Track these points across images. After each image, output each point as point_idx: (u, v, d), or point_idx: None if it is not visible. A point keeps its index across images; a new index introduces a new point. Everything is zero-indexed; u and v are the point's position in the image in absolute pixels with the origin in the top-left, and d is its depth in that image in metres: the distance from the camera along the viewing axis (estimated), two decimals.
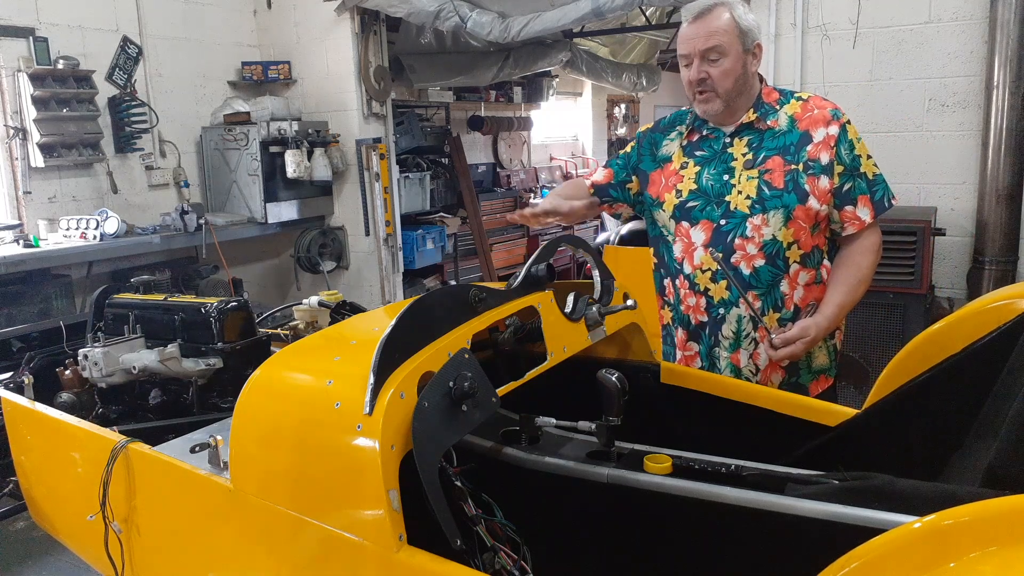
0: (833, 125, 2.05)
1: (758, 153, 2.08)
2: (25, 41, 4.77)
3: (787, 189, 2.03)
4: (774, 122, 2.09)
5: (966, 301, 3.36)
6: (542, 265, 1.73)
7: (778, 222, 2.04)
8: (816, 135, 2.05)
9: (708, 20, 2.01)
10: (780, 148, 2.07)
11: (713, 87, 2.05)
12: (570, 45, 7.94)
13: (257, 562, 1.53)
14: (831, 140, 2.03)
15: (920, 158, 4.08)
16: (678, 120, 2.27)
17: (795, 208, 2.02)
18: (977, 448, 1.51)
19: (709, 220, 2.11)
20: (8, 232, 4.66)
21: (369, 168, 6.05)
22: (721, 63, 2.02)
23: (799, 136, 2.06)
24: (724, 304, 2.12)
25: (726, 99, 2.07)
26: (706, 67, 2.04)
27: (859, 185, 2.07)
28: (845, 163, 2.04)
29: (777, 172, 2.04)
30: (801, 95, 2.14)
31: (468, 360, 1.40)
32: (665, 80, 10.17)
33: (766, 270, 2.07)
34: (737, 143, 2.12)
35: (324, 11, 5.95)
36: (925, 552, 0.93)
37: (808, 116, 2.07)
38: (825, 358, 2.19)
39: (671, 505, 1.56)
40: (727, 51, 2.02)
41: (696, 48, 2.03)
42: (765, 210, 2.04)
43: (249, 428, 1.52)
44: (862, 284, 2.09)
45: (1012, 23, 3.67)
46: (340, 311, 2.59)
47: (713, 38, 2.01)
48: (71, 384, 2.41)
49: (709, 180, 2.12)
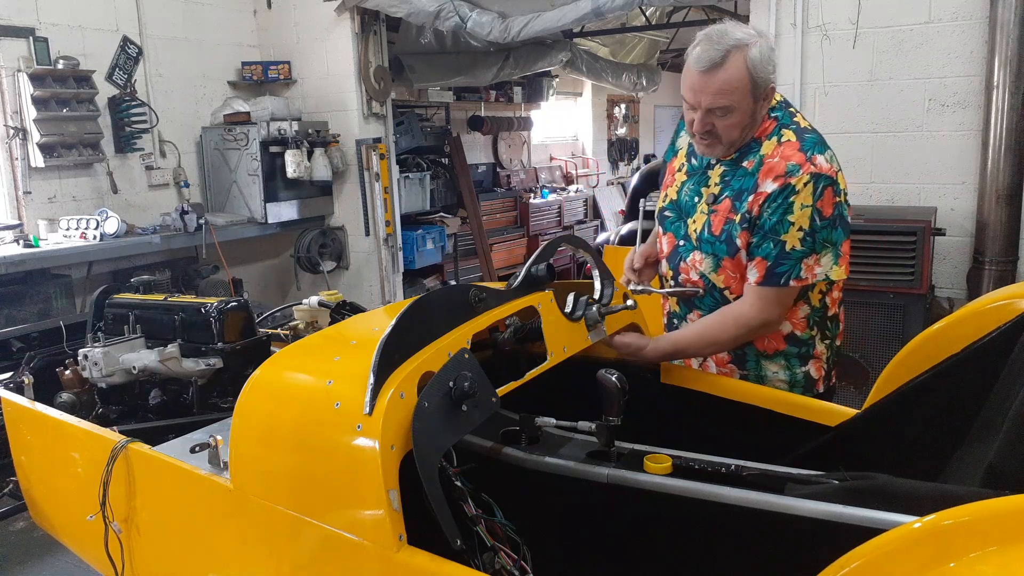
0: (777, 182, 1.85)
1: (723, 190, 1.97)
2: (25, 41, 4.77)
3: (720, 238, 1.95)
4: (750, 162, 1.93)
5: (966, 301, 3.36)
6: (542, 265, 1.74)
7: (709, 266, 2.00)
8: (761, 186, 1.88)
9: (718, 75, 1.80)
10: (735, 192, 1.94)
11: (717, 136, 1.90)
12: (570, 45, 7.94)
13: (257, 562, 1.53)
14: (762, 196, 1.86)
15: (920, 158, 4.08)
16: None
17: (723, 258, 1.96)
18: (977, 448, 1.51)
19: (674, 235, 2.10)
20: (8, 232, 4.66)
21: (369, 168, 6.05)
22: (728, 118, 1.86)
23: (752, 183, 1.90)
24: (676, 316, 2.16)
25: (729, 146, 1.94)
26: (711, 119, 1.87)
27: (765, 247, 1.87)
28: (762, 219, 1.87)
29: (720, 217, 1.95)
30: (785, 133, 1.92)
31: (468, 360, 1.40)
32: (665, 80, 10.18)
33: (708, 298, 2.05)
34: (716, 169, 2.01)
35: (324, 11, 5.95)
36: (925, 552, 0.93)
37: (769, 163, 1.89)
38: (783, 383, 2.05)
39: (671, 505, 1.56)
40: (735, 108, 1.84)
41: (701, 103, 1.85)
42: (701, 250, 2.01)
43: (249, 428, 1.52)
44: (709, 344, 1.98)
45: (1012, 23, 3.67)
46: (340, 311, 2.59)
47: (722, 97, 1.82)
48: (71, 384, 2.41)
49: (686, 195, 2.07)
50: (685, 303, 2.11)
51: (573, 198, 10.09)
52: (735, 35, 1.81)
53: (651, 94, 10.32)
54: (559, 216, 9.66)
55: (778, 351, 2.04)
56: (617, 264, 2.19)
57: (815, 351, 2.06)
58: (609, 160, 11.52)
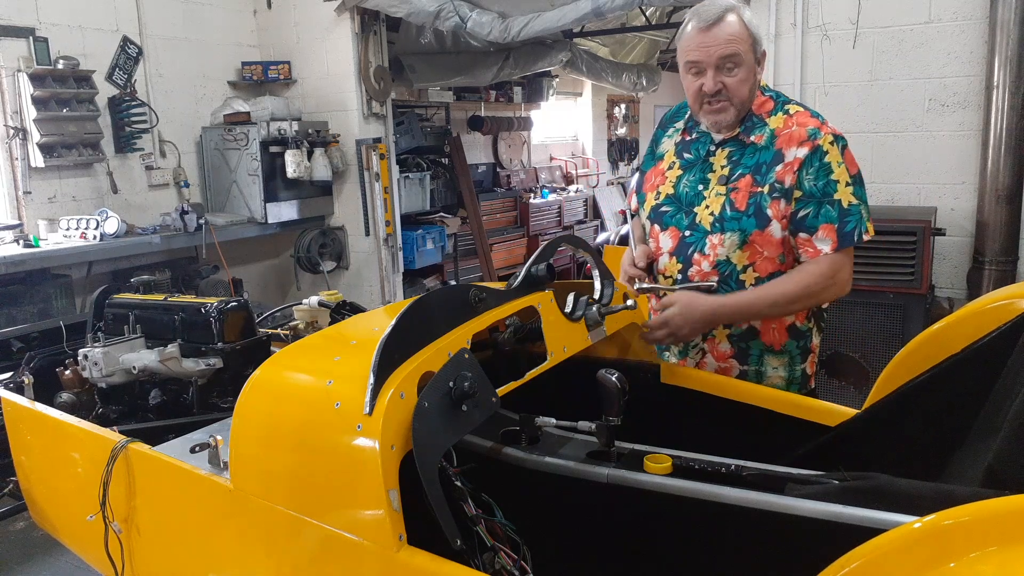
0: (804, 146, 1.91)
1: (735, 169, 2.00)
2: (25, 41, 4.77)
3: (747, 212, 1.95)
4: (758, 137, 1.99)
5: (966, 301, 3.36)
6: (542, 265, 1.74)
7: (733, 244, 1.97)
8: (788, 155, 1.93)
9: (722, 27, 1.90)
10: (753, 167, 1.97)
11: (728, 97, 1.94)
12: (570, 45, 7.94)
13: (257, 562, 1.53)
14: (796, 163, 1.91)
15: (920, 158, 4.08)
16: (679, 115, 2.21)
17: (752, 233, 1.95)
18: (977, 448, 1.51)
19: (677, 228, 2.07)
20: (8, 232, 4.66)
21: (369, 168, 6.05)
22: (737, 72, 1.92)
23: (773, 154, 1.95)
24: None
25: (739, 109, 1.97)
26: (722, 77, 1.92)
27: (826, 212, 1.92)
28: (805, 188, 1.91)
29: (743, 192, 1.97)
30: (790, 107, 2.01)
31: (468, 360, 1.40)
32: (665, 80, 10.17)
33: (720, 290, 2.01)
34: (719, 154, 2.04)
35: (324, 11, 5.95)
36: (925, 552, 0.93)
37: (787, 133, 1.95)
38: (781, 380, 2.07)
39: (671, 505, 1.56)
40: (743, 60, 1.91)
41: (712, 56, 1.91)
42: (723, 230, 1.98)
43: (249, 428, 1.52)
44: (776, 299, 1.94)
45: (1012, 23, 3.67)
46: (340, 311, 2.59)
47: (731, 45, 1.90)
48: (71, 384, 2.41)
49: (686, 187, 2.07)
50: None
51: (573, 198, 10.09)
52: (725, 2, 1.94)
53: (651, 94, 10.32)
54: (559, 216, 9.66)
55: (783, 345, 2.05)
56: (617, 264, 2.18)
57: (811, 344, 2.10)
58: (609, 160, 11.53)
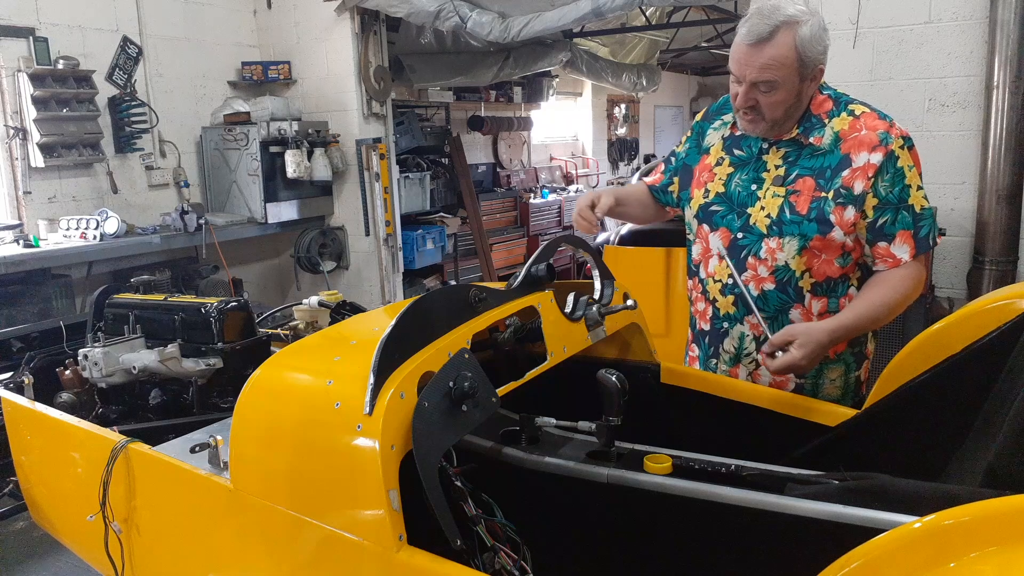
0: (878, 152, 1.81)
1: (791, 169, 1.90)
2: (25, 41, 4.77)
3: (809, 216, 1.86)
4: (818, 139, 1.88)
5: (966, 301, 3.36)
6: (542, 265, 1.74)
7: (792, 249, 1.89)
8: (857, 160, 1.83)
9: (765, 49, 1.76)
10: (815, 169, 1.87)
11: (761, 113, 1.85)
12: (570, 45, 7.95)
13: (257, 562, 1.53)
14: (870, 169, 1.81)
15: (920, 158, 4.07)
16: (726, 107, 2.06)
17: (813, 238, 1.86)
18: (977, 448, 1.51)
19: (728, 229, 1.97)
20: (8, 232, 4.66)
21: (369, 168, 6.05)
22: (772, 95, 1.81)
23: (839, 159, 1.85)
24: (729, 319, 2.02)
25: (772, 124, 1.88)
26: (755, 95, 1.82)
27: (902, 219, 1.84)
28: (881, 196, 1.82)
29: (805, 195, 1.87)
30: (856, 108, 1.89)
31: (468, 360, 1.40)
32: (665, 80, 10.19)
33: (775, 295, 1.93)
34: (773, 152, 1.94)
35: (324, 11, 5.95)
36: (925, 552, 0.93)
37: (854, 137, 1.85)
38: (837, 389, 2.01)
39: (671, 505, 1.56)
40: (780, 85, 1.79)
41: (746, 76, 1.81)
42: (782, 234, 1.89)
43: (249, 428, 1.52)
44: (885, 305, 1.85)
45: (1012, 23, 3.67)
46: (340, 311, 2.59)
47: (767, 72, 1.78)
48: (71, 384, 2.41)
49: (738, 186, 1.97)
50: (743, 304, 1.97)
51: (573, 198, 10.08)
52: (787, 11, 1.76)
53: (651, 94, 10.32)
54: (559, 216, 9.67)
55: (839, 354, 1.98)
56: (617, 264, 2.18)
57: (867, 349, 2.04)
58: (609, 160, 11.53)
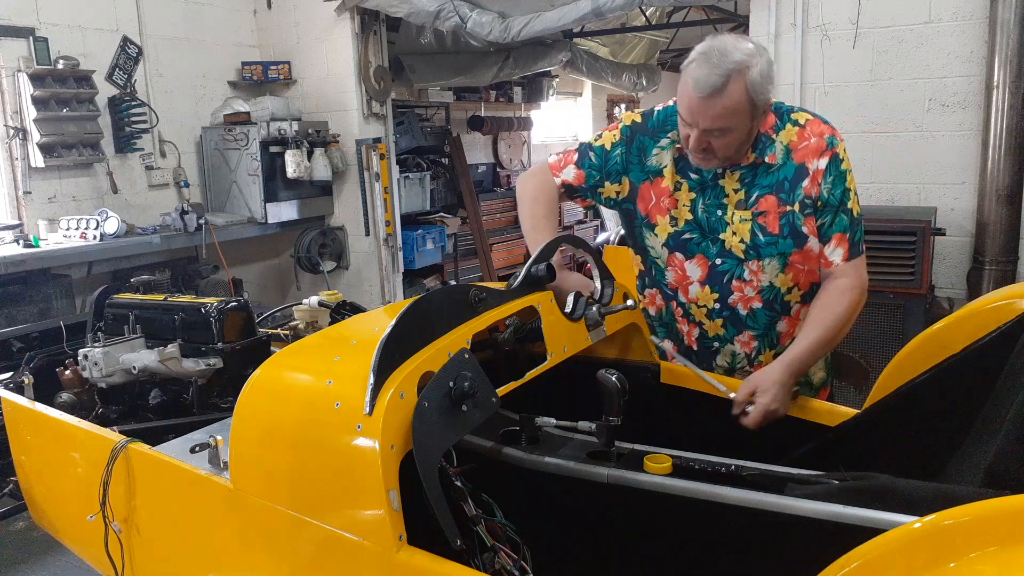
0: (824, 156, 1.86)
1: (751, 191, 1.92)
2: (25, 41, 4.77)
3: (782, 234, 1.89)
4: (771, 156, 1.89)
5: (966, 301, 3.36)
6: (542, 265, 1.73)
7: (774, 269, 1.92)
8: (811, 167, 1.87)
9: (718, 101, 1.74)
10: (773, 186, 1.89)
11: (714, 153, 1.86)
12: (570, 45, 7.95)
13: (257, 562, 1.53)
14: (819, 175, 1.86)
15: (920, 158, 4.07)
16: (668, 123, 2.00)
17: (791, 254, 1.90)
18: (977, 448, 1.51)
19: (705, 256, 1.98)
20: (8, 232, 4.66)
21: (369, 168, 6.05)
22: (725, 138, 1.82)
23: (794, 170, 1.88)
24: (719, 339, 2.05)
25: (726, 159, 1.89)
26: (708, 139, 1.82)
27: (840, 221, 1.88)
28: (824, 198, 1.86)
29: (771, 215, 1.89)
30: (799, 117, 1.91)
31: (468, 360, 1.40)
32: (665, 80, 10.18)
33: (763, 313, 1.98)
34: (728, 176, 1.93)
35: (324, 11, 5.95)
36: (925, 552, 0.93)
37: (804, 146, 1.88)
38: (823, 372, 2.12)
39: (671, 505, 1.56)
40: (734, 129, 1.80)
41: (699, 124, 1.80)
42: (760, 256, 1.92)
43: (249, 428, 1.52)
44: (835, 327, 1.86)
45: (1012, 23, 3.67)
46: (340, 311, 2.59)
47: (719, 121, 1.78)
48: (71, 384, 2.41)
49: (704, 212, 1.96)
50: (734, 324, 2.01)
51: None
52: (734, 57, 1.73)
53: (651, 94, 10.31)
54: (559, 216, 9.67)
55: None
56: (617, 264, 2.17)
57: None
58: None
